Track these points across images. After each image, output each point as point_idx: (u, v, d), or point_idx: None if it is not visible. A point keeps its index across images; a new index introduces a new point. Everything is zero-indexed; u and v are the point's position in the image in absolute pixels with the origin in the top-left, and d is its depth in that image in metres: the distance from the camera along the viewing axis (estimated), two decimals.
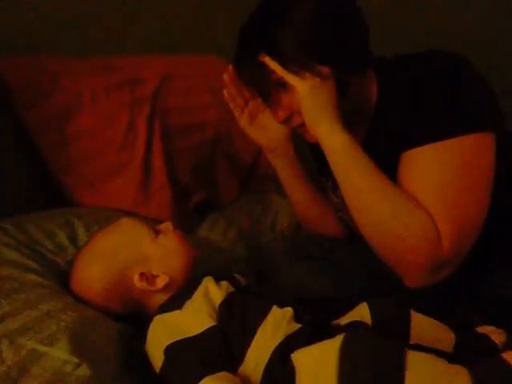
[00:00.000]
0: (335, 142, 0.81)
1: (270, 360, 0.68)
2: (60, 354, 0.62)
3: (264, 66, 0.82)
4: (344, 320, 0.76)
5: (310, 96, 0.80)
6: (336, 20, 0.82)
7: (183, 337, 0.70)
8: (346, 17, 0.83)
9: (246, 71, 0.87)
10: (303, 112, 0.82)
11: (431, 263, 0.77)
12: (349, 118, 0.86)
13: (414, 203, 0.77)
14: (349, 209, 0.84)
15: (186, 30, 1.55)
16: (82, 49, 1.29)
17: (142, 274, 0.81)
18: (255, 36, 0.84)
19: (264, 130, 0.98)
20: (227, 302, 0.75)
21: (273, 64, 0.81)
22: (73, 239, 0.93)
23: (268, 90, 0.86)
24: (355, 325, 0.73)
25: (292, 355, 0.66)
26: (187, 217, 1.19)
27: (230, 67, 0.92)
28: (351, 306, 0.79)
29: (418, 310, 0.77)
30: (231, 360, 0.69)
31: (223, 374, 0.66)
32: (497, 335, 0.75)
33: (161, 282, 0.81)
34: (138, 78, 1.22)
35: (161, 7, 1.50)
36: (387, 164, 0.82)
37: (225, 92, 0.96)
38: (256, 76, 0.85)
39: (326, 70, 0.80)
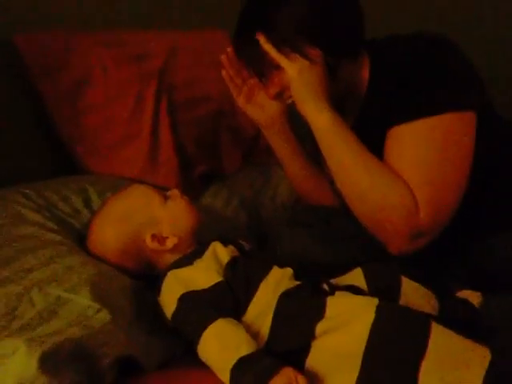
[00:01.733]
0: (321, 120, 0.87)
1: (278, 303, 0.74)
2: (83, 300, 0.70)
3: (260, 45, 0.87)
4: (339, 281, 0.82)
5: (298, 78, 0.86)
6: (331, 4, 0.88)
7: (194, 289, 0.77)
8: (342, 2, 0.89)
9: (244, 49, 0.93)
10: (292, 92, 0.89)
11: (409, 231, 0.84)
12: (341, 98, 0.92)
13: (394, 176, 0.84)
14: (335, 182, 0.91)
15: (191, 5, 1.59)
16: (91, 23, 1.33)
17: (153, 236, 0.87)
18: (253, 16, 0.90)
19: (261, 108, 1.04)
20: (232, 262, 0.82)
21: (267, 46, 0.87)
22: (87, 203, 1.00)
23: (262, 69, 0.92)
24: (355, 288, 0.78)
25: (327, 298, 0.72)
26: (192, 186, 1.24)
27: (228, 49, 0.98)
28: (344, 271, 0.85)
29: (406, 276, 0.82)
30: (237, 311, 0.77)
31: (233, 319, 0.74)
32: (474, 297, 0.82)
33: (170, 243, 0.88)
34: (146, 53, 1.26)
35: None
36: (378, 141, 0.88)
37: (223, 73, 1.01)
38: (252, 54, 0.90)
39: (316, 52, 0.86)
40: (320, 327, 0.70)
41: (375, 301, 0.70)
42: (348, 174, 0.87)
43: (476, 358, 0.67)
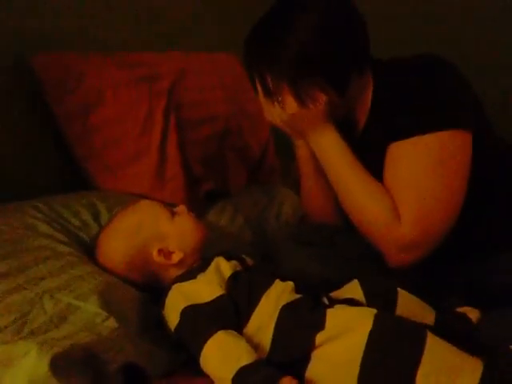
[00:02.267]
0: (324, 139, 0.94)
1: (279, 316, 0.76)
2: (92, 307, 0.72)
3: (268, 77, 0.91)
4: (337, 295, 0.83)
5: (293, 120, 0.93)
6: (338, 32, 0.90)
7: (197, 302, 0.79)
8: (349, 29, 0.91)
9: (253, 71, 0.96)
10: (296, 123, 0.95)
11: (392, 245, 0.88)
12: (346, 116, 0.97)
13: (382, 191, 0.89)
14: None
15: (200, 29, 1.65)
16: (105, 45, 1.38)
17: (159, 250, 0.90)
18: (261, 41, 0.93)
19: None
20: (235, 276, 0.84)
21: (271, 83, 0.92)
22: (96, 218, 1.03)
23: (271, 90, 0.94)
24: (354, 301, 0.80)
25: (327, 310, 0.74)
26: (198, 203, 1.27)
27: None
28: (340, 284, 0.86)
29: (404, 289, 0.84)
30: (238, 323, 0.78)
31: (233, 331, 0.75)
32: (472, 313, 0.83)
33: (176, 257, 0.90)
34: (156, 74, 1.30)
35: (178, 7, 1.60)
36: (379, 156, 0.92)
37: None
38: (260, 78, 0.94)
39: (323, 97, 0.91)
40: (319, 338, 0.72)
41: (373, 311, 0.72)
42: (342, 188, 0.93)
43: (469, 369, 0.68)
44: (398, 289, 0.83)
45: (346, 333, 0.71)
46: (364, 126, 1.00)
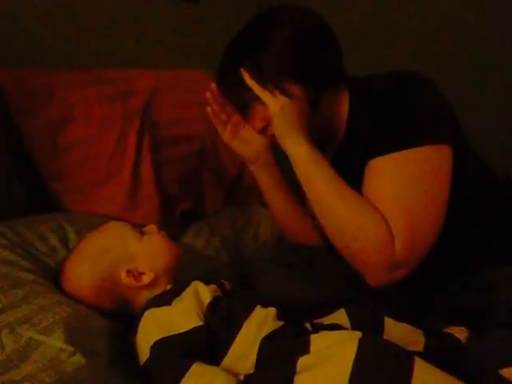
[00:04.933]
0: (299, 152, 0.89)
1: (260, 347, 0.73)
2: (56, 342, 0.66)
3: (243, 81, 0.90)
4: (322, 322, 0.81)
5: (280, 113, 0.89)
6: (311, 44, 0.91)
7: (170, 333, 0.74)
8: (321, 41, 0.93)
9: (227, 85, 0.96)
10: (274, 127, 0.92)
11: (385, 263, 0.83)
12: (322, 132, 0.94)
13: (370, 207, 0.84)
14: (315, 213, 0.91)
15: (173, 46, 1.62)
16: (76, 60, 1.34)
17: (128, 271, 0.85)
18: (238, 53, 0.93)
19: (246, 142, 1.08)
20: (214, 303, 0.80)
21: (250, 82, 0.90)
22: (64, 242, 0.98)
23: (247, 103, 0.94)
24: (339, 327, 0.77)
25: (311, 336, 0.71)
26: (173, 225, 1.23)
27: (213, 85, 1.01)
28: (327, 312, 0.84)
29: (391, 315, 0.82)
30: (214, 356, 0.74)
31: (206, 365, 0.71)
32: (461, 333, 0.81)
33: (147, 278, 0.86)
34: (129, 91, 1.27)
35: (152, 24, 1.57)
36: (357, 174, 0.90)
37: (208, 109, 1.04)
38: (236, 90, 0.93)
39: (297, 90, 0.89)
40: (302, 362, 0.68)
41: (358, 334, 0.69)
42: (325, 203, 0.88)
43: None
44: (385, 317, 0.81)
45: (330, 358, 0.67)
46: (340, 145, 0.99)
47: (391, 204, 0.84)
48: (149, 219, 1.16)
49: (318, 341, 0.71)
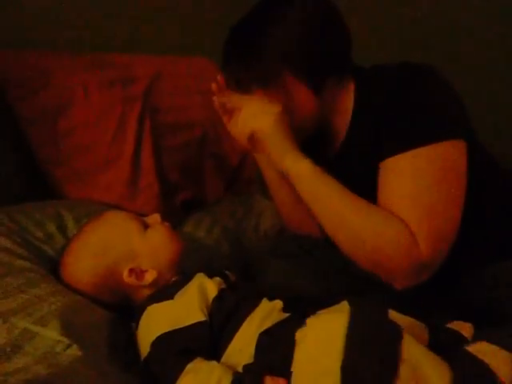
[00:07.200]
0: (302, 168, 0.85)
1: (260, 338, 0.72)
2: (51, 334, 0.64)
3: (247, 70, 0.88)
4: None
5: (272, 132, 0.85)
6: (318, 27, 0.88)
7: (172, 328, 0.72)
8: (329, 24, 0.89)
9: (233, 74, 0.92)
10: (269, 149, 0.87)
11: (411, 266, 0.80)
12: (323, 128, 0.92)
13: (386, 213, 0.81)
14: (325, 230, 0.87)
15: (176, 32, 1.59)
16: (75, 46, 1.31)
17: (131, 270, 0.83)
18: (241, 42, 0.90)
19: None
20: (219, 297, 0.78)
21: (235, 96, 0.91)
22: (62, 229, 0.95)
23: (248, 88, 0.91)
24: None
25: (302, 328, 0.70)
26: (173, 213, 1.21)
27: (218, 76, 0.97)
28: (330, 304, 0.82)
29: (395, 309, 0.80)
30: (216, 351, 0.72)
31: (206, 360, 0.69)
32: (466, 329, 0.79)
33: (149, 277, 0.83)
34: (130, 76, 1.25)
35: (156, 10, 1.54)
36: (362, 175, 0.87)
37: (214, 99, 1.00)
38: (239, 79, 0.91)
39: (296, 83, 0.87)
40: (300, 333, 0.68)
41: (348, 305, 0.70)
42: (337, 218, 0.83)
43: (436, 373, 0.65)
44: (389, 309, 0.77)
45: (322, 324, 0.69)
46: (344, 141, 0.95)
47: (410, 205, 0.81)
48: (148, 207, 1.14)
49: (313, 317, 0.70)
